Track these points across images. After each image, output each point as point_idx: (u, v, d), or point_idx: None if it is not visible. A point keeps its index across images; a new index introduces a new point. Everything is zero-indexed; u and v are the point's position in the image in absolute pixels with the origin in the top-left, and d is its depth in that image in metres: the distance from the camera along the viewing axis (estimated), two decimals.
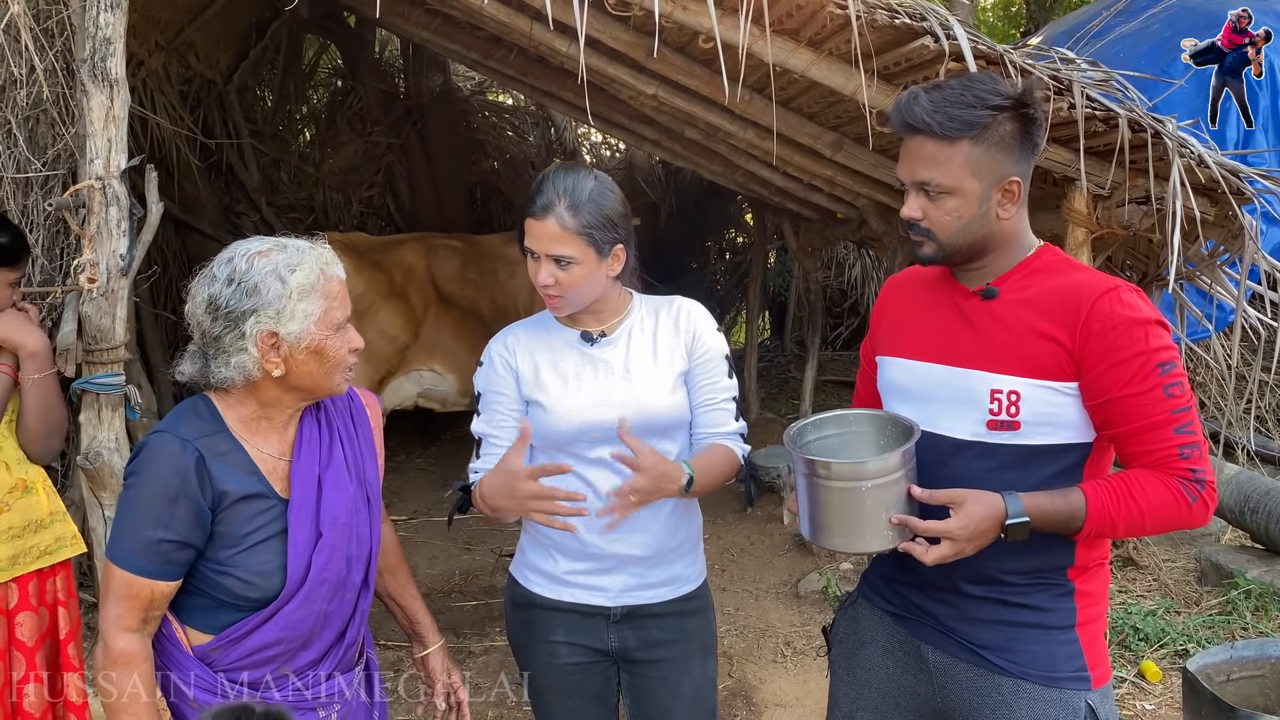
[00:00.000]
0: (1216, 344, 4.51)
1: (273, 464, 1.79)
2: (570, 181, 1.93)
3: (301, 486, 1.78)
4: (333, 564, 1.79)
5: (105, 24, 2.72)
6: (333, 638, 1.84)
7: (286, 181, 7.90)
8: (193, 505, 1.67)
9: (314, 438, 1.84)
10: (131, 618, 1.67)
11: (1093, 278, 1.71)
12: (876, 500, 1.63)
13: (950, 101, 1.67)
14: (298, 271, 1.71)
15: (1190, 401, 1.66)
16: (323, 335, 1.72)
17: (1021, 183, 1.71)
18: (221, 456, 1.72)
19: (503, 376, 2.07)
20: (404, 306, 5.24)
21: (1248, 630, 3.92)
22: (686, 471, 1.92)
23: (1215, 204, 3.56)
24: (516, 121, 9.60)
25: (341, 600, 1.83)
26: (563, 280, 1.95)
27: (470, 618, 4.39)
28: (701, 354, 2.07)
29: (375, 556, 1.91)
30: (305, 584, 1.75)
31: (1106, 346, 1.63)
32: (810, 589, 4.60)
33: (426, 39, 5.28)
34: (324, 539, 1.77)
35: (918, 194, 1.73)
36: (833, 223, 6.09)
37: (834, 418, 1.86)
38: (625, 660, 2.11)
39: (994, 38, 6.75)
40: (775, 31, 3.17)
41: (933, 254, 1.76)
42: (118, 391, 2.77)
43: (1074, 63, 3.36)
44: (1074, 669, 1.73)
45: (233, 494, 1.71)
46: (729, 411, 2.10)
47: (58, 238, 3.11)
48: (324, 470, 1.82)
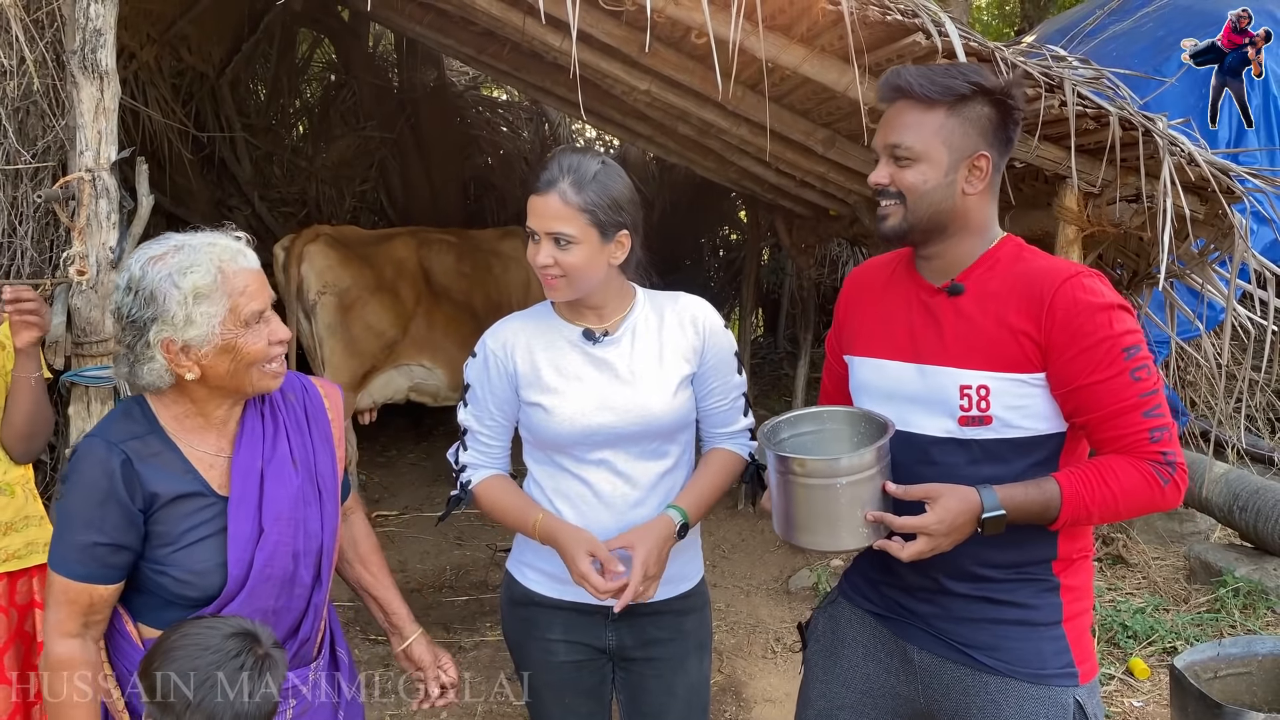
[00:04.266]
0: (1207, 343, 4.52)
1: (210, 461, 1.74)
2: (577, 160, 1.91)
3: (241, 482, 1.73)
4: (277, 560, 1.74)
5: (96, 15, 2.71)
6: (283, 635, 1.79)
7: (279, 175, 7.89)
8: (121, 508, 1.65)
9: (256, 431, 1.79)
10: (71, 623, 1.66)
11: (1055, 264, 1.72)
12: (852, 497, 1.63)
13: (935, 71, 1.71)
14: (190, 274, 1.64)
15: (1157, 384, 1.66)
16: (233, 334, 1.66)
17: (990, 160, 1.72)
18: (152, 458, 1.69)
19: (494, 375, 2.04)
20: (393, 301, 5.23)
21: (1235, 628, 3.94)
22: (677, 520, 1.94)
23: (1205, 202, 3.57)
24: (510, 117, 9.60)
25: (290, 597, 1.78)
26: (562, 261, 1.90)
27: (461, 613, 4.38)
28: (714, 356, 2.06)
29: (329, 552, 1.85)
30: (248, 581, 1.71)
31: (1072, 333, 1.63)
32: (801, 585, 4.61)
33: (420, 33, 5.26)
34: (266, 535, 1.72)
35: (888, 160, 1.74)
36: (826, 219, 6.09)
37: (808, 415, 1.86)
38: (622, 658, 2.10)
39: (989, 36, 6.76)
40: (768, 27, 3.16)
41: (897, 224, 1.75)
42: (107, 384, 2.77)
43: (1066, 60, 3.36)
44: (1061, 665, 1.73)
45: (164, 495, 1.68)
46: (739, 409, 2.12)
47: (47, 230, 3.10)
48: (266, 464, 1.77)
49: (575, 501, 2.00)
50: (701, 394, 2.07)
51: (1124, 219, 3.60)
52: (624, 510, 1.99)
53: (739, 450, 2.12)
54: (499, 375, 2.03)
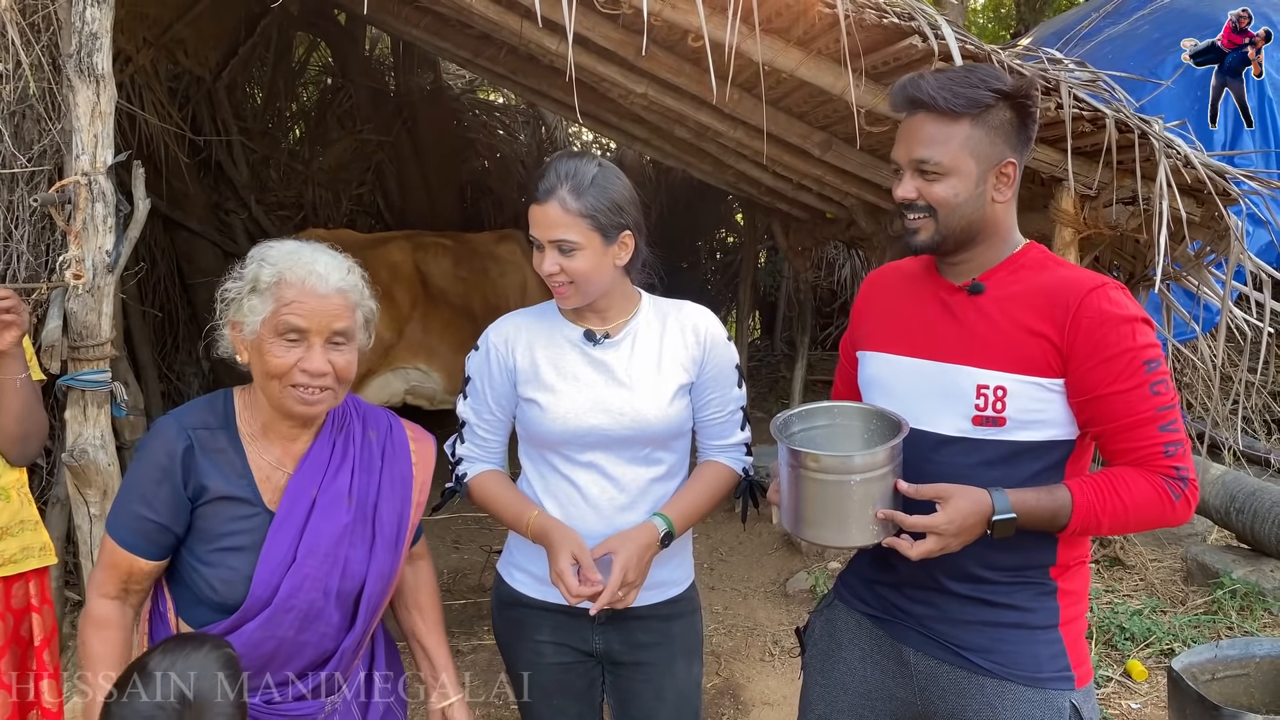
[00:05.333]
0: (1203, 344, 4.52)
1: (268, 471, 1.75)
2: (574, 166, 1.91)
3: (290, 503, 1.73)
4: (304, 592, 1.71)
5: (92, 19, 2.71)
6: (305, 665, 1.77)
7: (276, 179, 7.88)
8: (174, 491, 1.68)
9: (321, 457, 1.78)
10: (110, 585, 1.72)
11: (1080, 274, 1.72)
12: (864, 494, 1.62)
13: (955, 81, 1.68)
14: (263, 267, 1.70)
15: (1174, 400, 1.66)
16: (264, 336, 1.68)
17: (1017, 166, 1.72)
18: (214, 451, 1.71)
19: (494, 369, 2.04)
20: (389, 305, 5.22)
21: (1233, 629, 3.94)
22: (662, 528, 1.94)
23: (1201, 204, 3.58)
24: (507, 120, 9.61)
25: (314, 633, 1.75)
26: (568, 268, 1.90)
27: (459, 616, 4.38)
28: (714, 367, 2.05)
29: (371, 597, 1.80)
30: (271, 605, 1.69)
31: (1095, 343, 1.63)
32: (799, 588, 4.61)
33: (416, 36, 5.27)
34: (299, 563, 1.71)
35: (914, 175, 1.72)
36: (822, 222, 6.11)
37: (821, 409, 1.85)
38: (610, 662, 2.09)
39: (984, 39, 6.77)
40: (764, 30, 3.17)
41: (928, 238, 1.74)
42: (103, 388, 2.76)
43: (1062, 63, 3.37)
44: (1058, 669, 1.73)
45: (213, 490, 1.69)
46: (736, 423, 2.11)
47: (44, 234, 3.10)
48: (321, 492, 1.75)
49: (563, 502, 2.00)
50: (699, 404, 2.07)
51: (1120, 221, 3.60)
52: (611, 514, 1.98)
53: (733, 464, 2.11)
54: (499, 369, 2.04)
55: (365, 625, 1.81)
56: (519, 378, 2.02)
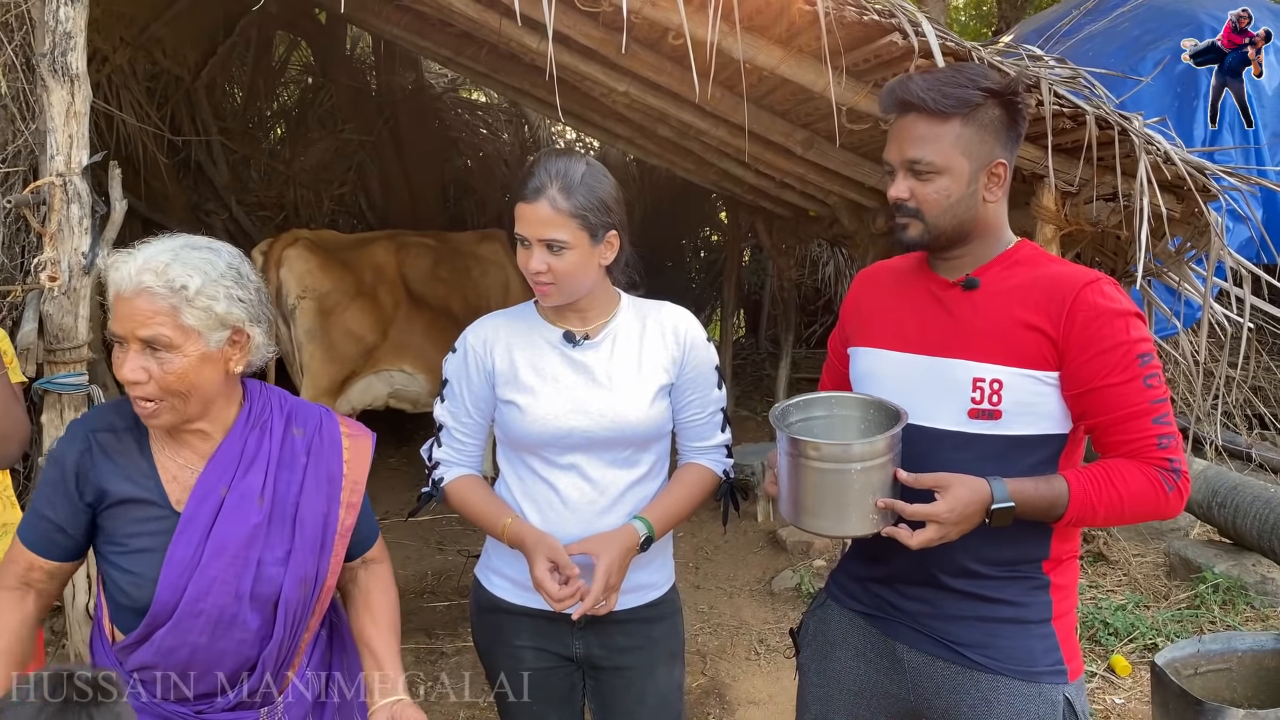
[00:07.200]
0: (1184, 340, 4.55)
1: (176, 471, 1.67)
2: (562, 165, 1.89)
3: (196, 503, 1.64)
4: (213, 595, 1.63)
5: (65, 18, 2.68)
6: (230, 674, 1.69)
7: (256, 179, 7.84)
8: (67, 495, 1.66)
9: (230, 454, 1.69)
10: (9, 576, 1.72)
11: (1074, 270, 1.73)
12: (864, 483, 1.62)
13: (944, 81, 1.70)
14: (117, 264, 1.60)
15: (1166, 394, 1.69)
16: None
17: (1007, 166, 1.74)
18: (115, 454, 1.66)
19: (472, 371, 2.02)
20: (372, 306, 5.19)
21: (1215, 624, 3.97)
22: (642, 532, 1.93)
23: (1182, 201, 3.60)
24: (489, 119, 9.58)
25: (231, 640, 1.66)
26: (555, 267, 1.89)
27: (442, 618, 4.36)
28: (693, 369, 2.04)
29: (291, 604, 1.70)
30: (177, 610, 1.61)
31: (1090, 337, 1.65)
32: (784, 586, 4.60)
33: (397, 35, 5.24)
34: (203, 565, 1.62)
35: (906, 175, 1.74)
36: (805, 220, 6.11)
37: (819, 399, 1.85)
38: (590, 666, 2.08)
39: (966, 36, 6.79)
40: (745, 28, 3.16)
41: (918, 236, 1.75)
42: (80, 391, 2.73)
43: (1042, 60, 3.37)
44: (1051, 663, 1.74)
45: (115, 494, 1.64)
46: (716, 424, 2.10)
47: (18, 235, 3.07)
48: (230, 491, 1.66)
49: (541, 505, 1.98)
50: (679, 406, 2.06)
51: (1101, 218, 3.61)
52: (590, 518, 1.97)
53: (714, 466, 2.10)
54: (477, 371, 2.02)
55: (285, 632, 1.70)
56: (498, 380, 2.00)
